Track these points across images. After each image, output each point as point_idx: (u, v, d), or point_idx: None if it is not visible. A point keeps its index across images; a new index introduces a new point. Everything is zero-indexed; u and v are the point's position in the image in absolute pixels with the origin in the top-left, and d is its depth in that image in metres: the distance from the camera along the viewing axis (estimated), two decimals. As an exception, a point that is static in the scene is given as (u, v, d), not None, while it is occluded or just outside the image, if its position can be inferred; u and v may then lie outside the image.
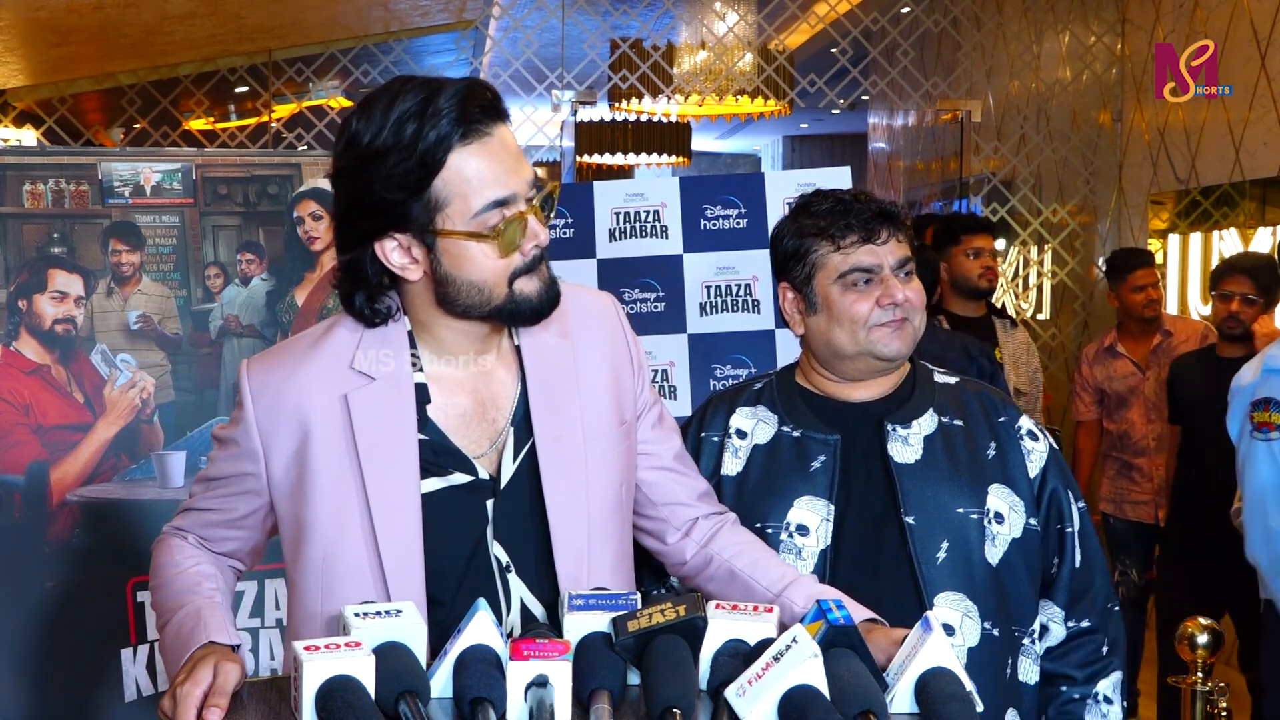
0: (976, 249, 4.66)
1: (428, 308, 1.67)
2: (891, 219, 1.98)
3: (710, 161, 18.17)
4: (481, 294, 1.62)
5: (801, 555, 1.93)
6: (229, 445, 1.74)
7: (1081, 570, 2.02)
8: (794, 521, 1.95)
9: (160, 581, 1.74)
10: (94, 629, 3.01)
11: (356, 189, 1.60)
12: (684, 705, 1.33)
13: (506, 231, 1.59)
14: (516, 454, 1.70)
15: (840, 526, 1.94)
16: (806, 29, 7.68)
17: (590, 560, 1.69)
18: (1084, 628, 2.02)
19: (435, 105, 1.55)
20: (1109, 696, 2.02)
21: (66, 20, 5.99)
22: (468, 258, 1.60)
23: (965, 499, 1.95)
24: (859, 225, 1.96)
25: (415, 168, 1.55)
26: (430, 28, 8.17)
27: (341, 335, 1.70)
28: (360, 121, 1.58)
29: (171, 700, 1.47)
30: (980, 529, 1.94)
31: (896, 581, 1.91)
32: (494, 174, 1.58)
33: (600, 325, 1.79)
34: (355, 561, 1.64)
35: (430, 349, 1.70)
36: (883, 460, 1.96)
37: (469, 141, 1.57)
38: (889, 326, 1.96)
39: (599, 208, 3.63)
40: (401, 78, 1.61)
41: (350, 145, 1.59)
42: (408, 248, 1.61)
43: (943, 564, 1.91)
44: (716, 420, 2.06)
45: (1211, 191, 5.92)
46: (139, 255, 3.17)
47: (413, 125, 1.55)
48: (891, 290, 1.95)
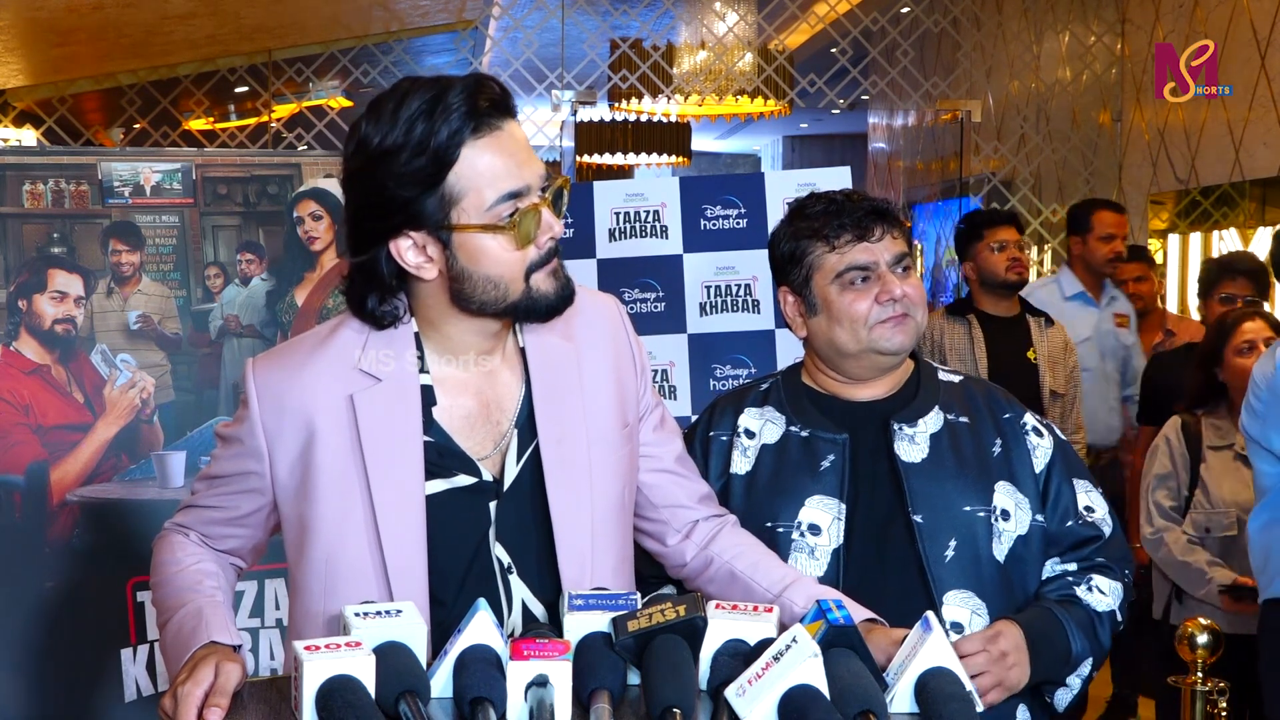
0: (1001, 242, 4.46)
1: (440, 307, 1.67)
2: (884, 216, 1.99)
3: (710, 161, 18.17)
4: (498, 289, 1.62)
5: (814, 555, 1.93)
6: (233, 444, 1.74)
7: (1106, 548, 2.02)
8: (805, 521, 1.95)
9: (161, 579, 1.74)
10: (94, 629, 3.01)
11: (369, 189, 1.60)
12: (684, 705, 1.33)
13: (522, 223, 1.59)
14: (520, 456, 1.70)
15: (850, 525, 1.95)
16: (806, 29, 7.68)
17: (593, 562, 1.69)
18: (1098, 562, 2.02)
19: (445, 102, 1.56)
20: (1102, 589, 1.99)
21: (66, 20, 6.00)
22: (484, 251, 1.60)
23: (972, 497, 1.95)
24: (852, 224, 1.97)
25: (428, 163, 1.56)
26: (430, 28, 8.17)
27: (347, 336, 1.70)
28: (370, 123, 1.59)
29: (172, 700, 1.47)
30: (988, 526, 1.94)
31: (904, 580, 1.91)
32: (506, 167, 1.59)
33: (603, 327, 1.80)
34: (358, 562, 1.64)
35: (436, 350, 1.70)
36: (889, 459, 1.97)
37: (481, 135, 1.57)
38: (890, 322, 1.97)
39: (599, 208, 3.63)
40: (409, 78, 1.62)
41: (361, 146, 1.59)
42: (423, 246, 1.61)
43: (950, 562, 1.91)
44: (724, 420, 2.07)
45: (1211, 191, 5.92)
46: (139, 255, 3.17)
47: (424, 122, 1.55)
48: (889, 286, 1.96)
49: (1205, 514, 3.59)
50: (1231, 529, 3.57)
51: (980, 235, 4.50)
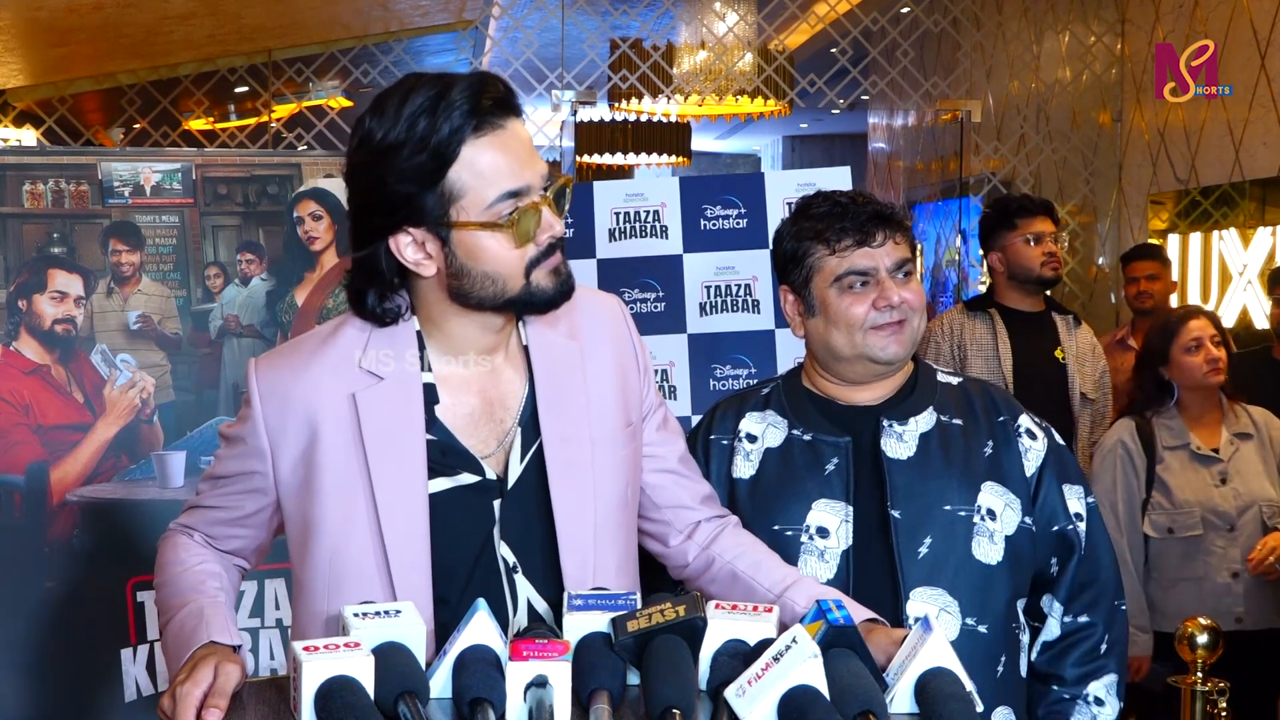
0: (1036, 234, 4.05)
1: (440, 304, 1.67)
2: (887, 220, 1.98)
3: (710, 161, 18.17)
4: (496, 285, 1.62)
5: (824, 557, 1.94)
6: (236, 444, 1.74)
7: (1085, 565, 2.02)
8: (814, 524, 1.95)
9: (165, 579, 1.74)
10: (94, 629, 3.01)
11: (371, 184, 1.60)
12: (684, 706, 1.33)
13: (521, 222, 1.59)
14: (524, 454, 1.70)
15: (856, 527, 1.95)
16: (806, 29, 7.67)
17: (596, 561, 1.69)
18: (1082, 623, 2.02)
19: (449, 99, 1.56)
20: (1100, 698, 2.01)
21: (66, 20, 5.99)
22: (483, 249, 1.61)
23: (955, 496, 1.95)
24: (854, 228, 1.96)
25: (429, 160, 1.56)
26: (430, 28, 8.16)
27: (349, 334, 1.70)
28: (374, 119, 1.59)
29: (171, 700, 1.47)
30: (969, 526, 1.94)
31: (877, 574, 1.92)
32: (508, 166, 1.59)
33: (607, 326, 1.80)
34: (362, 561, 1.64)
35: (439, 348, 1.70)
36: (875, 456, 1.97)
37: (483, 134, 1.58)
38: (886, 329, 1.96)
39: (599, 208, 3.63)
40: (413, 75, 1.62)
41: (364, 142, 1.60)
42: (422, 243, 1.62)
43: (923, 559, 1.92)
44: (725, 424, 2.07)
45: (1211, 191, 5.92)
46: (139, 255, 3.17)
47: (426, 119, 1.56)
48: (887, 292, 1.95)
49: (1168, 515, 3.56)
50: (1196, 529, 3.54)
51: (1013, 224, 4.09)
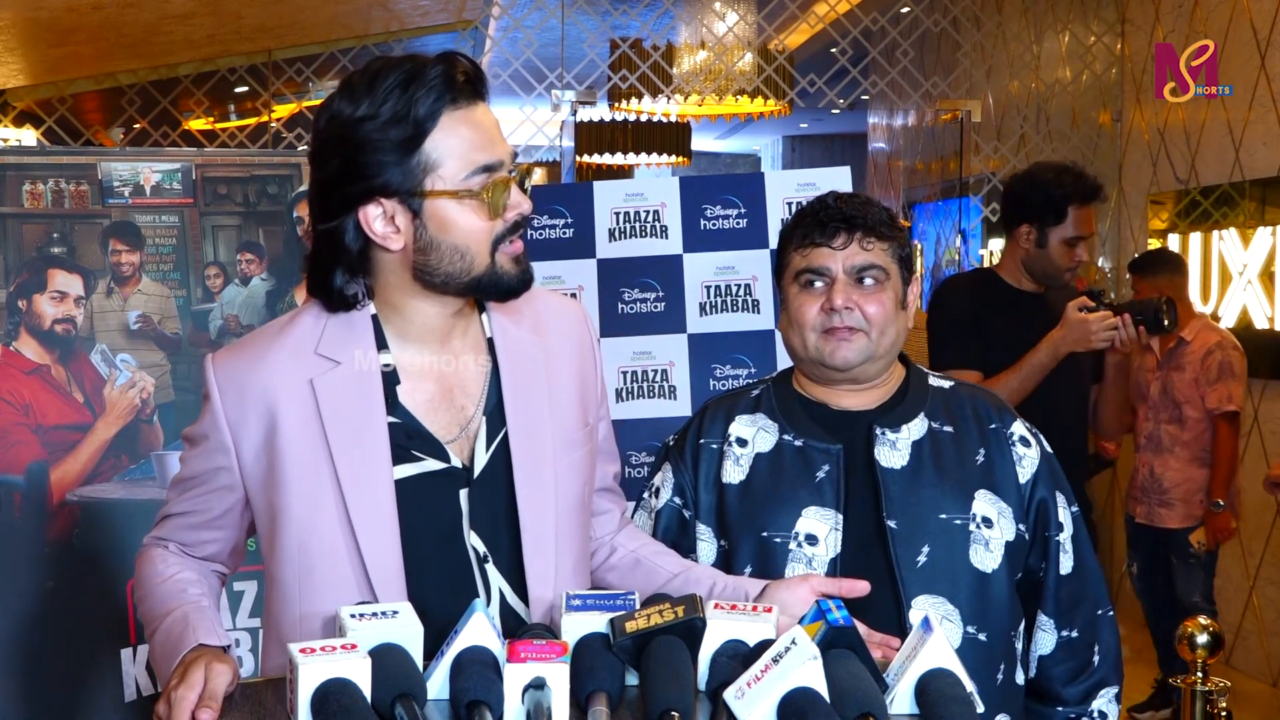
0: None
1: (402, 285, 1.67)
2: (854, 222, 1.93)
3: (710, 161, 18.16)
4: (464, 260, 1.63)
5: (812, 565, 1.92)
6: (199, 442, 1.74)
7: (1071, 577, 2.00)
8: (803, 531, 1.93)
9: (145, 593, 1.74)
10: (94, 629, 3.01)
11: (342, 156, 1.61)
12: (683, 707, 1.33)
13: (493, 193, 1.62)
14: (490, 443, 1.71)
15: (845, 535, 1.94)
16: (806, 29, 7.67)
17: (556, 557, 1.70)
18: (1073, 637, 2.01)
19: (424, 75, 1.59)
20: (1104, 710, 2.01)
21: (66, 20, 5.99)
22: (453, 220, 1.62)
23: (949, 505, 1.93)
24: (817, 227, 1.95)
25: (406, 130, 1.58)
26: (430, 28, 8.16)
27: (306, 322, 1.70)
28: (343, 98, 1.61)
29: (166, 705, 1.46)
30: (965, 534, 1.92)
31: (876, 584, 1.91)
32: (483, 140, 1.62)
33: (571, 329, 1.83)
34: (332, 547, 1.64)
35: (395, 333, 1.70)
36: (868, 465, 1.95)
37: (459, 107, 1.61)
38: (835, 334, 1.93)
39: (599, 208, 3.63)
40: (379, 58, 1.64)
41: (335, 118, 1.61)
42: (391, 215, 1.62)
43: (923, 568, 1.90)
44: (715, 427, 2.05)
45: (1211, 191, 5.92)
46: (139, 255, 3.17)
47: (400, 92, 1.58)
48: (833, 295, 1.92)
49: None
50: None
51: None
